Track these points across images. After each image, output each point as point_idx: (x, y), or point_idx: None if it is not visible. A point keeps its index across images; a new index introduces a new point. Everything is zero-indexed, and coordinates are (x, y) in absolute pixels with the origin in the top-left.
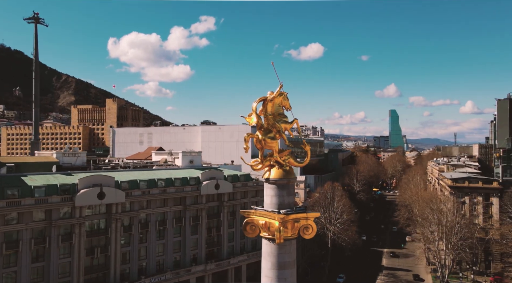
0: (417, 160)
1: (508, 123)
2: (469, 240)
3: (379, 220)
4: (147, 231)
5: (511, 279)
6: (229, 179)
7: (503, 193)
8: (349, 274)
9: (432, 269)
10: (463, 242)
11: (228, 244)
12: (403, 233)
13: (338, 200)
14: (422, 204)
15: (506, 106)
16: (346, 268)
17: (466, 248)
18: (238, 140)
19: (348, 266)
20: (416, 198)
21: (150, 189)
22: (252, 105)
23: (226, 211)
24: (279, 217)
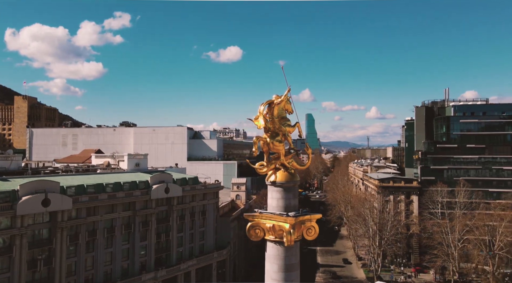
0: (334, 162)
1: (424, 128)
2: (399, 235)
3: None
4: (94, 240)
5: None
6: (178, 183)
7: (422, 191)
8: None
9: (362, 264)
10: (394, 237)
11: (177, 249)
12: (334, 232)
13: None
14: (356, 203)
15: (422, 113)
16: None
17: (398, 243)
18: (174, 142)
19: None
20: (348, 198)
21: (98, 195)
22: (259, 108)
23: (175, 216)
24: (290, 219)
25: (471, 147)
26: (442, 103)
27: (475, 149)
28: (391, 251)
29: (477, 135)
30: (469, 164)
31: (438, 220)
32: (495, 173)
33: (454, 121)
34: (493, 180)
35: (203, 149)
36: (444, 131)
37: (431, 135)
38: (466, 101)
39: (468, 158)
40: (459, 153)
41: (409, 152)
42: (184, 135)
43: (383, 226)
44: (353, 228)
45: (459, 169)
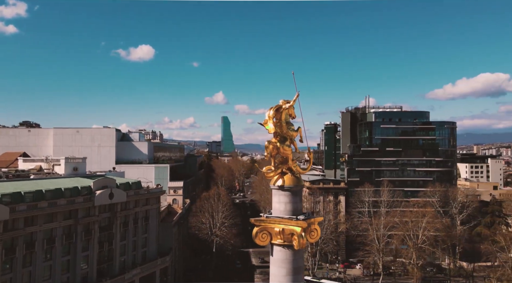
0: (253, 164)
1: (349, 133)
2: (334, 233)
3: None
4: (32, 252)
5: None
6: (122, 187)
7: (348, 192)
8: (229, 277)
9: None
10: (330, 236)
11: (120, 259)
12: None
13: (223, 205)
14: None
15: (348, 118)
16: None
17: (334, 241)
18: (101, 144)
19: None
20: None
21: (38, 203)
22: (268, 113)
23: (119, 222)
24: (302, 223)
25: (390, 151)
26: (364, 110)
27: (394, 152)
28: (327, 249)
29: (395, 139)
30: (389, 166)
31: (365, 218)
32: (410, 174)
33: (375, 127)
34: (407, 180)
35: (133, 152)
36: (367, 136)
37: (355, 139)
38: (384, 108)
39: (387, 160)
40: (380, 155)
41: (329, 155)
42: (112, 137)
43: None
44: None
45: (380, 170)
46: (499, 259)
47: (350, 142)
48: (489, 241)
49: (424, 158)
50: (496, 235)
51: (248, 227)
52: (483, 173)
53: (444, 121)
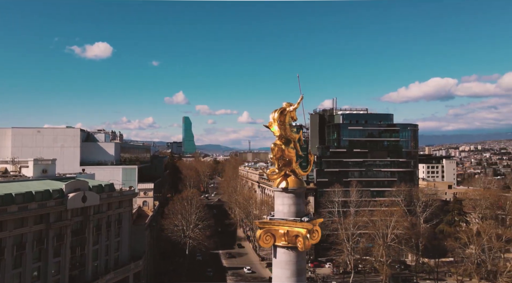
0: (217, 166)
1: (318, 134)
2: None
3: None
4: (1, 260)
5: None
6: (95, 190)
7: (317, 192)
8: (201, 278)
9: (267, 264)
10: None
11: (92, 264)
12: (234, 234)
13: (197, 206)
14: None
15: (316, 120)
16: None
17: None
18: (64, 145)
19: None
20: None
21: (7, 207)
22: (273, 115)
23: (91, 226)
24: (308, 225)
25: (357, 152)
26: (331, 111)
27: (360, 153)
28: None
29: (362, 141)
30: (356, 167)
31: (335, 218)
32: (376, 175)
33: (343, 128)
34: (373, 180)
35: (99, 153)
36: (335, 137)
37: (324, 140)
38: (351, 110)
39: (355, 161)
40: (348, 157)
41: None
42: (77, 137)
43: None
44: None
45: (348, 171)
46: (461, 255)
47: (318, 143)
48: (452, 238)
49: (389, 159)
50: (459, 232)
51: (218, 228)
52: (438, 173)
53: (407, 124)
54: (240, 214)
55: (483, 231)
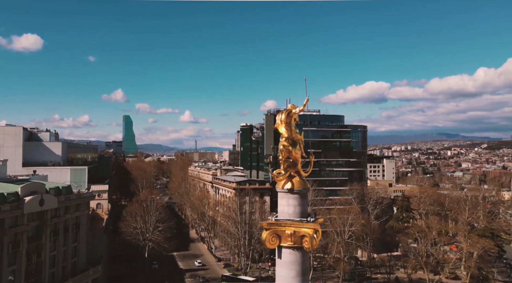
0: (163, 166)
1: (273, 134)
2: None
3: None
4: None
5: None
6: (52, 193)
7: (273, 192)
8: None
9: (225, 264)
10: None
11: (49, 271)
12: (187, 236)
13: (157, 208)
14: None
15: (271, 120)
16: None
17: None
18: (4, 145)
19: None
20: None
21: None
22: (280, 117)
23: (49, 231)
24: (315, 225)
25: (311, 152)
26: None
27: (314, 153)
28: (261, 249)
29: (316, 141)
30: None
31: None
32: (329, 174)
33: (297, 129)
34: (326, 180)
35: (44, 153)
36: None
37: (278, 140)
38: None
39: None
40: (302, 157)
41: (244, 156)
42: (19, 136)
43: (251, 226)
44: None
45: None
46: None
47: (273, 143)
48: (403, 234)
49: (341, 159)
50: (408, 228)
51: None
52: (379, 172)
53: (357, 125)
54: (193, 215)
55: (431, 227)
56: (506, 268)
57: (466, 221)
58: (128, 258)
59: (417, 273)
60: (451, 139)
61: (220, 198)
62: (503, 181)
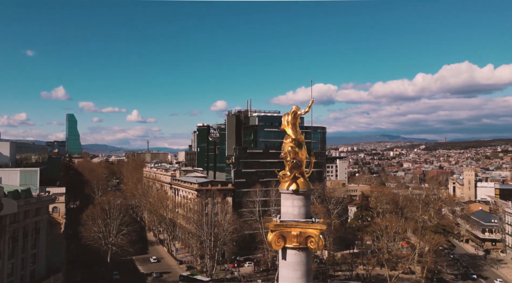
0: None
1: (235, 135)
2: (234, 235)
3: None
4: None
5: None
6: (11, 196)
7: (235, 193)
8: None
9: (187, 267)
10: (230, 237)
11: (7, 280)
12: (145, 239)
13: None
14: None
15: (233, 121)
16: None
17: (234, 242)
18: None
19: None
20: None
21: None
22: (287, 118)
23: (7, 238)
24: (322, 226)
25: (273, 152)
26: (246, 113)
27: (276, 154)
28: (226, 250)
29: (277, 142)
30: (272, 167)
31: (256, 217)
32: None
33: (260, 130)
34: None
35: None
36: (252, 138)
37: (240, 141)
38: (265, 113)
39: (271, 162)
40: (264, 157)
41: (201, 156)
42: None
43: (218, 227)
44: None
45: (264, 171)
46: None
47: (235, 144)
48: (362, 232)
49: None
50: (369, 226)
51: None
52: (333, 172)
53: (317, 127)
54: (150, 217)
55: (392, 225)
56: (454, 261)
57: (420, 219)
58: (89, 264)
59: (374, 269)
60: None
61: (181, 199)
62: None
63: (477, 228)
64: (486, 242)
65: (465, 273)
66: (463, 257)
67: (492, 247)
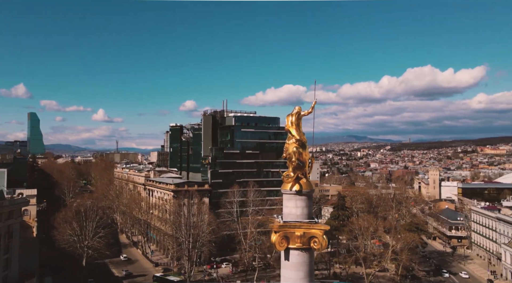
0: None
1: (211, 135)
2: (213, 236)
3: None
4: None
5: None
6: None
7: (212, 194)
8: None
9: (164, 269)
10: (208, 238)
11: None
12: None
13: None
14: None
15: (210, 121)
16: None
17: (213, 243)
18: None
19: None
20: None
21: None
22: (291, 119)
23: None
24: (325, 226)
25: (249, 153)
26: (222, 113)
27: (252, 154)
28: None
29: (253, 142)
30: (249, 167)
31: (234, 218)
32: (266, 175)
33: (236, 130)
34: (264, 180)
35: None
36: (229, 139)
37: (216, 141)
38: (241, 113)
39: (247, 162)
40: (241, 158)
41: (174, 157)
42: None
43: (197, 228)
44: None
45: (241, 172)
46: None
47: (211, 144)
48: (339, 231)
49: (277, 160)
50: (345, 225)
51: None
52: None
53: None
54: (124, 219)
55: (368, 223)
56: (425, 258)
57: (394, 217)
58: (63, 268)
59: (350, 268)
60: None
61: (156, 201)
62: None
63: (445, 226)
64: (453, 239)
65: (436, 269)
66: (432, 254)
67: (458, 244)
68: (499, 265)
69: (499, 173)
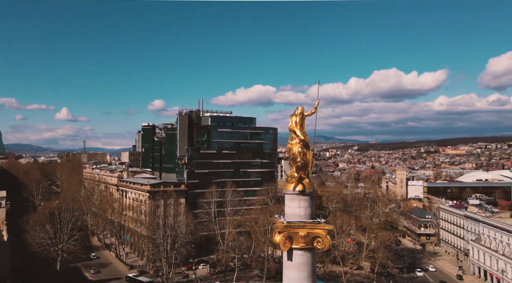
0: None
1: (187, 135)
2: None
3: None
4: None
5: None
6: None
7: (188, 194)
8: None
9: (140, 272)
10: (188, 239)
11: None
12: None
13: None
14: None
15: (186, 121)
16: None
17: (192, 245)
18: None
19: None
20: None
21: None
22: (295, 119)
23: None
24: (329, 226)
25: (226, 153)
26: (198, 113)
27: (229, 154)
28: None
29: (230, 142)
30: (225, 168)
31: (211, 218)
32: (243, 175)
33: (213, 130)
34: (240, 180)
35: None
36: (205, 139)
37: (192, 141)
38: (218, 113)
39: (224, 162)
40: (217, 158)
41: (146, 157)
42: None
43: (177, 230)
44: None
45: (218, 172)
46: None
47: (187, 144)
48: None
49: (254, 160)
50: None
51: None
52: (278, 172)
53: (269, 127)
54: (95, 222)
55: (346, 222)
56: (397, 256)
57: (369, 216)
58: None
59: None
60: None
61: (130, 202)
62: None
63: (414, 224)
64: (422, 236)
65: (409, 266)
66: (403, 251)
67: (427, 241)
68: (467, 261)
69: (459, 172)
